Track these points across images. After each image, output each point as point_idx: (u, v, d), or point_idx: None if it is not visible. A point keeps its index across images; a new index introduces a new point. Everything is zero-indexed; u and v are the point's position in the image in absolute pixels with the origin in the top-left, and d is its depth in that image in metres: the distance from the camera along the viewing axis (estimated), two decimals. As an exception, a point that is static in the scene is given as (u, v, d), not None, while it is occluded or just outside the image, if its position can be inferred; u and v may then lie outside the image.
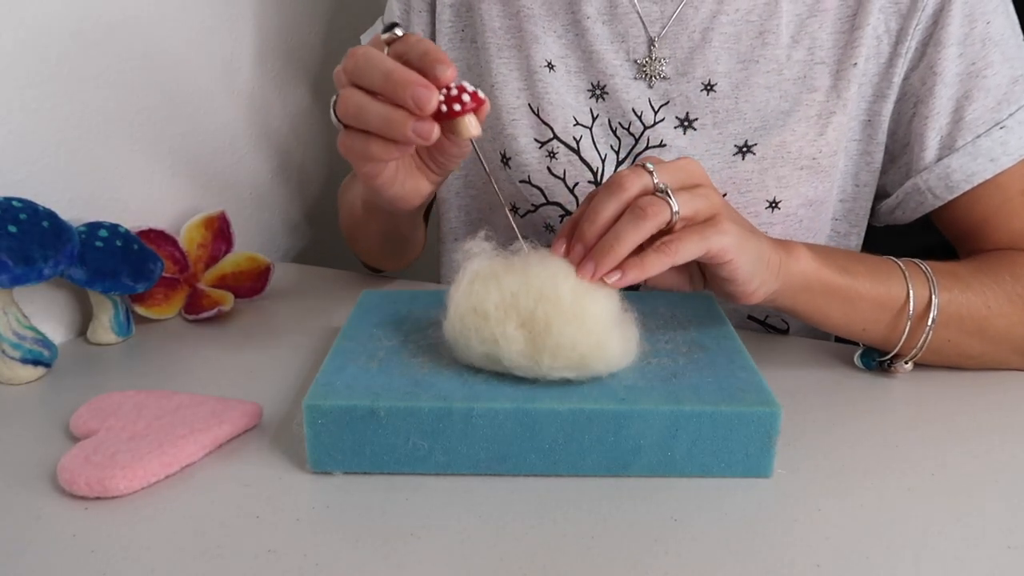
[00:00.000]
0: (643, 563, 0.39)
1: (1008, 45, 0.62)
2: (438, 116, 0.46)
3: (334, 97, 0.49)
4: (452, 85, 0.46)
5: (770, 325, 0.73)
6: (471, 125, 0.47)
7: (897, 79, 0.64)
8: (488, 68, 0.72)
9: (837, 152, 0.66)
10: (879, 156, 0.67)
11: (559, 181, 0.70)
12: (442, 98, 0.45)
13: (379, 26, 0.79)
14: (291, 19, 0.90)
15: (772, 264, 0.52)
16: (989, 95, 0.62)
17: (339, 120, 0.49)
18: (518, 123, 0.71)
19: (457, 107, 0.45)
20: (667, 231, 0.49)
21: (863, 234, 0.71)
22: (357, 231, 0.78)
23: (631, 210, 0.48)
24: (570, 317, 0.46)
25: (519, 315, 0.46)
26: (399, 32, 0.46)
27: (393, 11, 0.77)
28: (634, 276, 0.48)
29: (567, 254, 0.49)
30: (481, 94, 0.46)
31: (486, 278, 0.48)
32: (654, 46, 0.67)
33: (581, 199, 0.69)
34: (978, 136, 0.62)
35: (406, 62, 0.46)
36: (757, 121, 0.65)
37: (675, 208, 0.48)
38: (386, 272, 0.85)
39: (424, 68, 0.45)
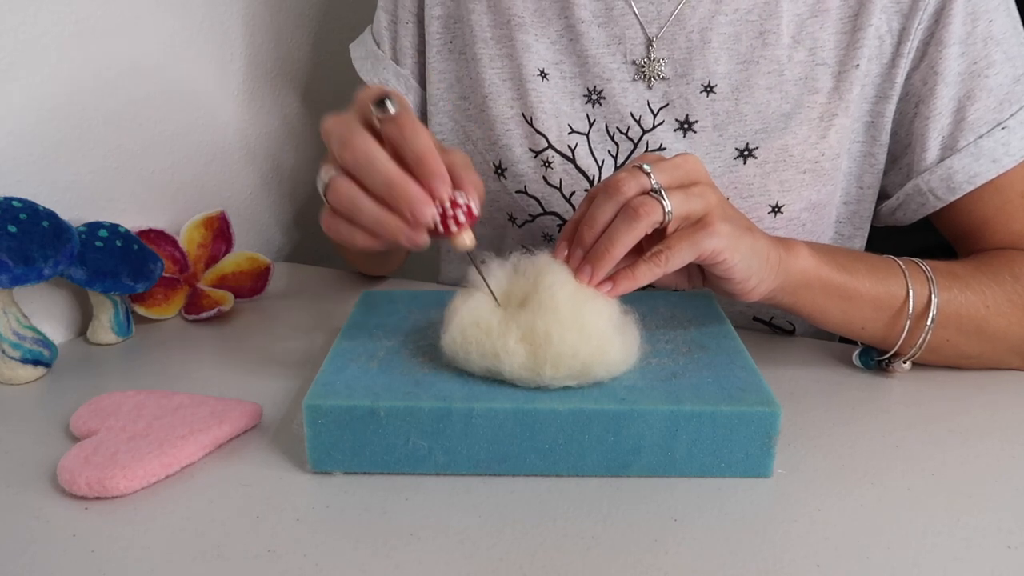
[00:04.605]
0: (643, 563, 0.39)
1: (1010, 44, 0.62)
2: (430, 228, 0.46)
3: (325, 175, 0.47)
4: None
5: (776, 326, 0.73)
6: (467, 240, 0.47)
7: (899, 79, 0.64)
8: (480, 79, 0.71)
9: (840, 155, 0.65)
10: (882, 157, 0.67)
11: (555, 191, 0.70)
12: (438, 212, 0.45)
13: (368, 37, 0.78)
14: (284, 24, 0.90)
15: (771, 261, 0.52)
16: (991, 95, 0.61)
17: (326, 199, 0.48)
18: (512, 133, 0.70)
19: (453, 227, 0.46)
20: (663, 230, 0.49)
21: (866, 235, 0.71)
22: None
23: (623, 211, 0.48)
24: (570, 325, 0.46)
25: (519, 328, 0.47)
26: (391, 109, 0.45)
27: (381, 22, 0.76)
28: (625, 286, 0.49)
29: (567, 258, 0.50)
30: (475, 208, 0.46)
31: (488, 294, 0.49)
32: (652, 46, 0.67)
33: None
34: (980, 136, 0.62)
35: (399, 158, 0.45)
36: (758, 123, 0.65)
37: (668, 208, 0.48)
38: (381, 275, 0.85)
39: (420, 178, 0.45)
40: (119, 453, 0.46)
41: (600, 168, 0.69)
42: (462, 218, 0.46)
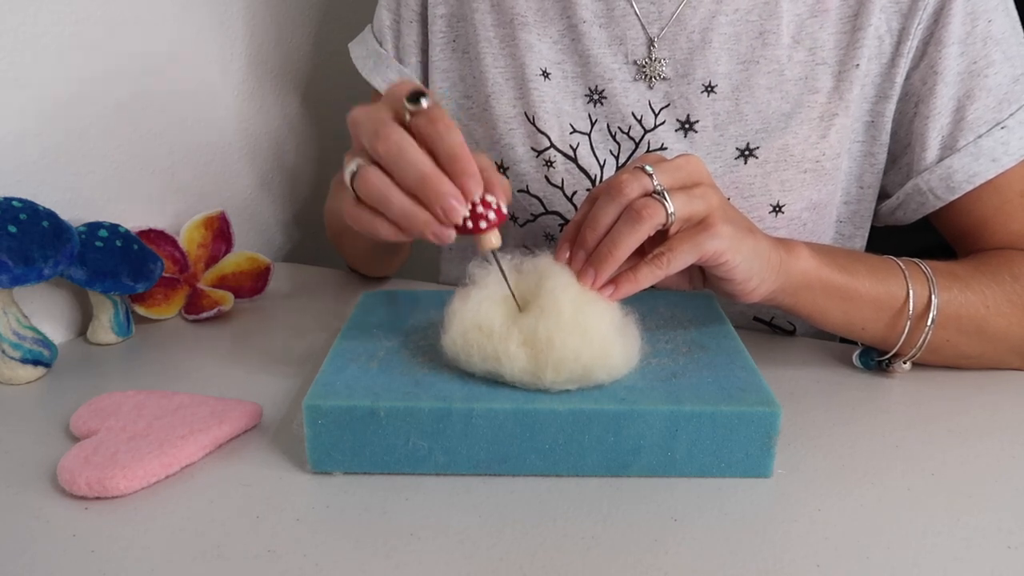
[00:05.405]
0: (643, 563, 0.39)
1: (1009, 44, 0.62)
2: (459, 225, 0.45)
3: (352, 164, 0.47)
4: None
5: (776, 326, 0.73)
6: (493, 239, 0.47)
7: (899, 79, 0.64)
8: (483, 78, 0.71)
9: (840, 154, 0.65)
10: (883, 157, 0.67)
11: (557, 190, 0.70)
12: (468, 211, 0.45)
13: (368, 36, 0.77)
14: (285, 24, 0.90)
15: (772, 262, 0.52)
16: (990, 94, 0.61)
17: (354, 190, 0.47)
18: (514, 132, 0.70)
19: (483, 224, 0.46)
20: (664, 232, 0.49)
21: (867, 235, 0.71)
22: (343, 239, 0.78)
23: (626, 213, 0.48)
24: (572, 329, 0.46)
25: (521, 332, 0.47)
26: (425, 104, 0.44)
27: (383, 20, 0.76)
28: (627, 290, 0.49)
29: (570, 261, 0.50)
30: (504, 208, 0.46)
31: (492, 298, 0.49)
32: (653, 46, 0.67)
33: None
34: (979, 136, 0.62)
35: (431, 152, 0.45)
36: (758, 123, 0.65)
37: (670, 210, 0.48)
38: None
39: (453, 175, 0.44)
40: (119, 453, 0.46)
41: (602, 167, 0.69)
42: (492, 217, 0.46)
